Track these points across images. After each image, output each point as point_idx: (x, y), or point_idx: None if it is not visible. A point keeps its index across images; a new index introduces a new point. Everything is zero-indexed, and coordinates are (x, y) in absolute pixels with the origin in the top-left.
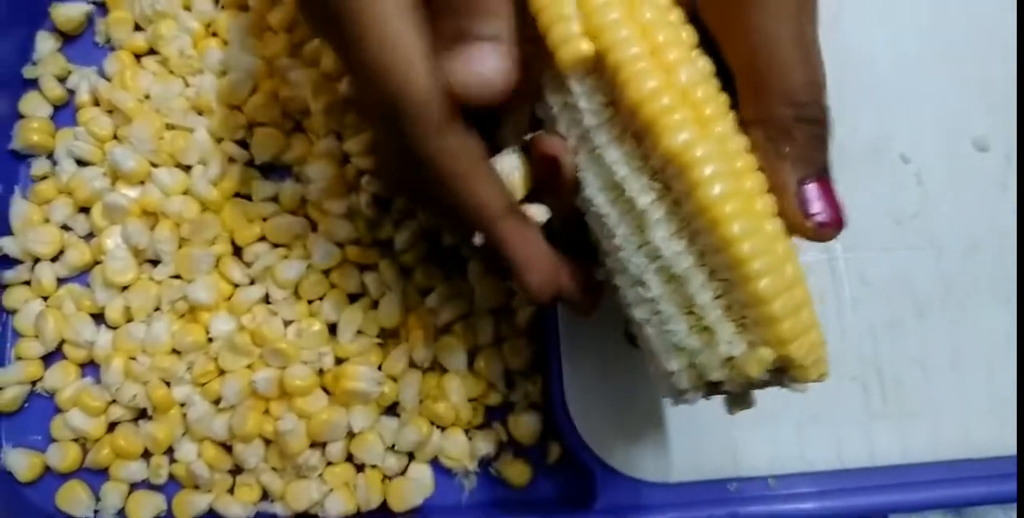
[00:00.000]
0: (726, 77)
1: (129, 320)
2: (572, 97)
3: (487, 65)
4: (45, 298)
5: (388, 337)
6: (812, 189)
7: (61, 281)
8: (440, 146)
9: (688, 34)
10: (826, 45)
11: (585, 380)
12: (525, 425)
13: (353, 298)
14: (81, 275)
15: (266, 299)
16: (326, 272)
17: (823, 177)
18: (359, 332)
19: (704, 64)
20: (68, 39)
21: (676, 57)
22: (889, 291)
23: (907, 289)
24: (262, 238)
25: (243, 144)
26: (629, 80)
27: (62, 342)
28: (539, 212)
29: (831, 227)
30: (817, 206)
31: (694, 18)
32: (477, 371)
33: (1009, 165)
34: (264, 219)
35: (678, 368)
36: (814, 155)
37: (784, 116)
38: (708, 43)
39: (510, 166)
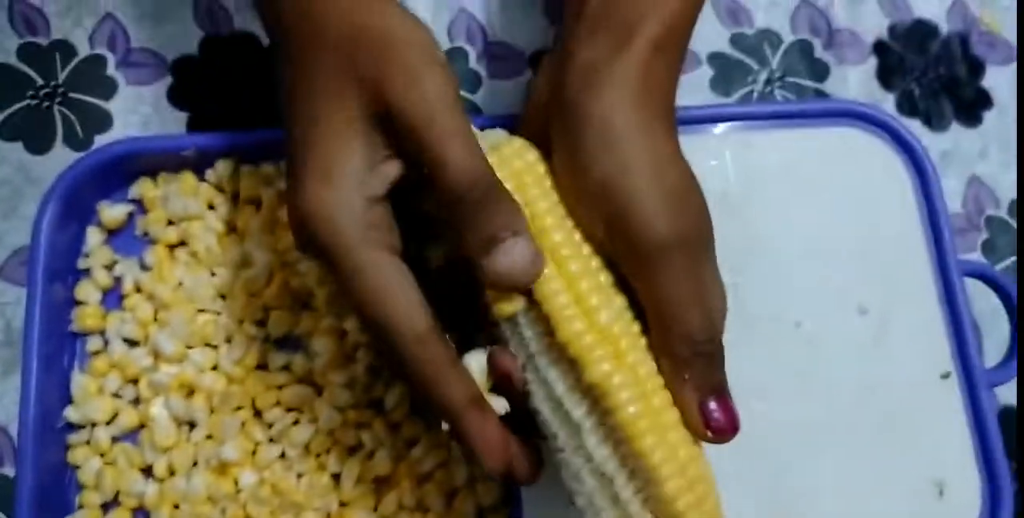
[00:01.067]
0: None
1: (172, 474)
2: (519, 327)
3: (525, 255)
4: (102, 455)
5: (382, 483)
6: (711, 406)
7: (115, 439)
8: (416, 355)
9: (606, 277)
10: (733, 230)
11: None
12: None
13: (352, 450)
14: (131, 434)
15: (283, 454)
16: (330, 431)
17: (720, 394)
18: (358, 480)
19: (620, 301)
20: (112, 233)
21: (596, 302)
22: (787, 438)
23: (803, 435)
24: (278, 403)
25: (261, 323)
26: (559, 323)
27: (117, 493)
28: (499, 405)
29: (728, 432)
30: (715, 417)
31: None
32: (454, 508)
33: (882, 324)
34: (279, 387)
35: None
36: (710, 378)
37: (683, 352)
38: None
39: (477, 364)
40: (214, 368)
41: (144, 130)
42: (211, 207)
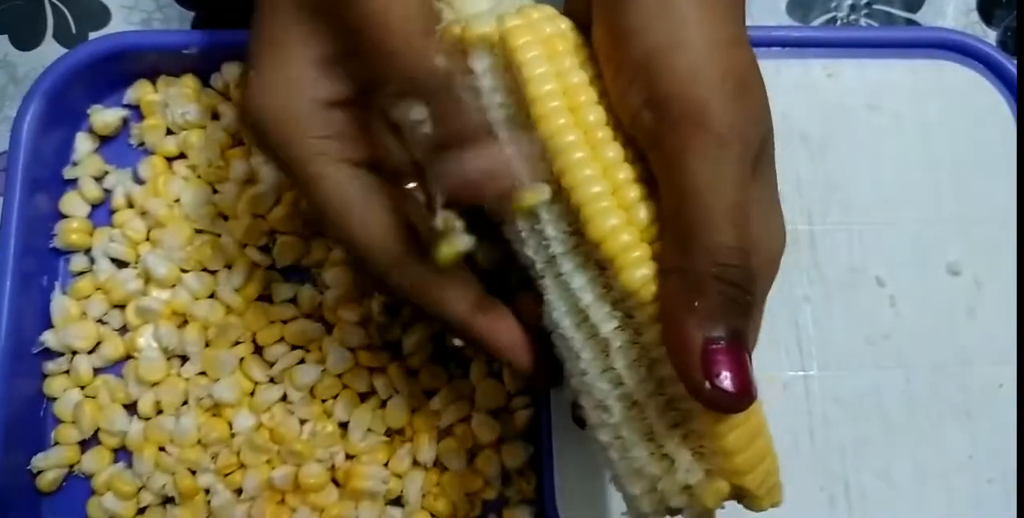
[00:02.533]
0: None
1: (159, 413)
2: (540, 223)
3: (484, 163)
4: (82, 387)
5: (395, 434)
6: (720, 351)
7: (97, 371)
8: (396, 281)
9: (645, 170)
10: (811, 174)
11: (575, 480)
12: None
13: (363, 396)
14: (115, 366)
15: (284, 397)
16: (339, 374)
17: (736, 343)
18: (368, 430)
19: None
20: (105, 140)
21: (636, 195)
22: (859, 409)
23: (876, 407)
24: (282, 339)
25: (266, 249)
26: (592, 218)
27: (97, 429)
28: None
29: (733, 398)
30: (722, 370)
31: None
32: (476, 469)
33: (978, 289)
34: (284, 322)
35: (639, 492)
36: (728, 318)
37: (703, 270)
38: None
39: None
40: (211, 296)
41: (146, 29)
42: (215, 116)
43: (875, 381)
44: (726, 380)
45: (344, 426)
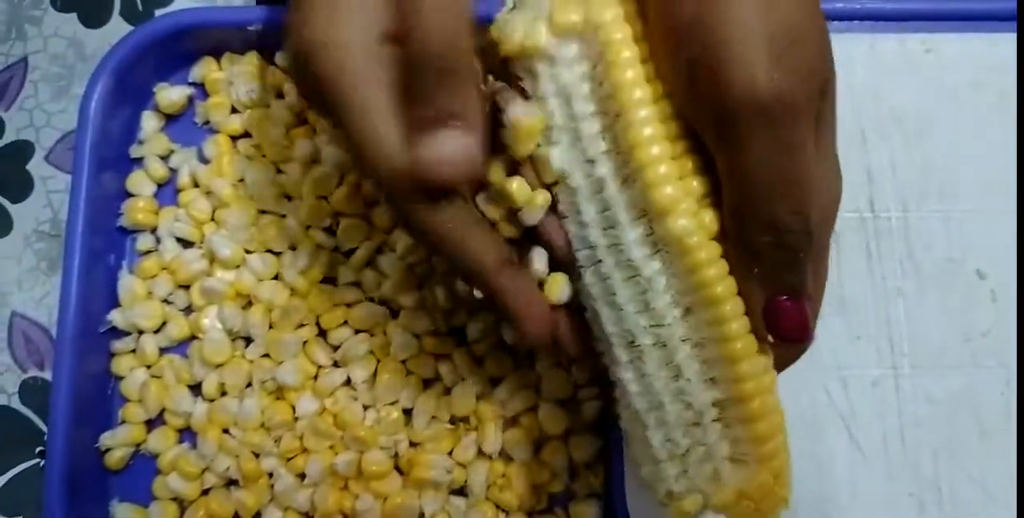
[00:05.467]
0: None
1: (223, 394)
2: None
3: (450, 147)
4: (148, 367)
5: (459, 422)
6: (777, 308)
7: (162, 350)
8: (424, 215)
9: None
10: (906, 158)
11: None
12: (586, 513)
13: (427, 383)
14: (180, 346)
15: (348, 381)
16: (403, 360)
17: (793, 297)
18: (433, 417)
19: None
20: (170, 119)
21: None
22: (953, 410)
23: (972, 408)
24: (346, 322)
25: (330, 230)
26: (653, 186)
27: (163, 409)
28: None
29: (796, 337)
30: (781, 319)
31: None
32: (542, 460)
33: None
34: (348, 305)
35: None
36: (786, 276)
37: (760, 242)
38: None
39: (540, 259)
40: (275, 278)
41: (211, 6)
42: (280, 95)
43: (972, 381)
44: (786, 325)
45: (408, 413)
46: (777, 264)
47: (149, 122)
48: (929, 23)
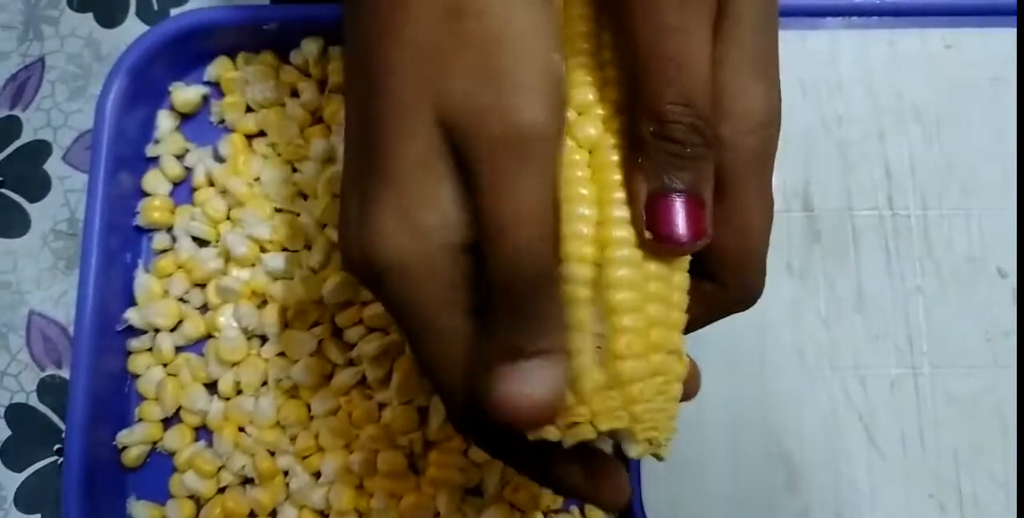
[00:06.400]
0: None
1: (239, 392)
2: None
3: (541, 386)
4: (164, 365)
5: None
6: (656, 203)
7: (179, 349)
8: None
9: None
10: (926, 154)
11: (661, 475)
12: (600, 512)
13: None
14: (197, 344)
15: (363, 380)
16: None
17: (685, 195)
18: (447, 418)
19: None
20: (185, 118)
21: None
22: (975, 410)
23: (994, 409)
24: (360, 321)
25: None
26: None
27: (179, 408)
28: None
29: (680, 239)
30: (658, 222)
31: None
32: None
33: None
34: (363, 304)
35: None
36: (668, 171)
37: (644, 132)
38: None
39: None
40: (290, 276)
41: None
42: (295, 93)
43: (994, 381)
44: (667, 227)
45: (423, 412)
46: (662, 158)
47: (165, 121)
48: (950, 18)
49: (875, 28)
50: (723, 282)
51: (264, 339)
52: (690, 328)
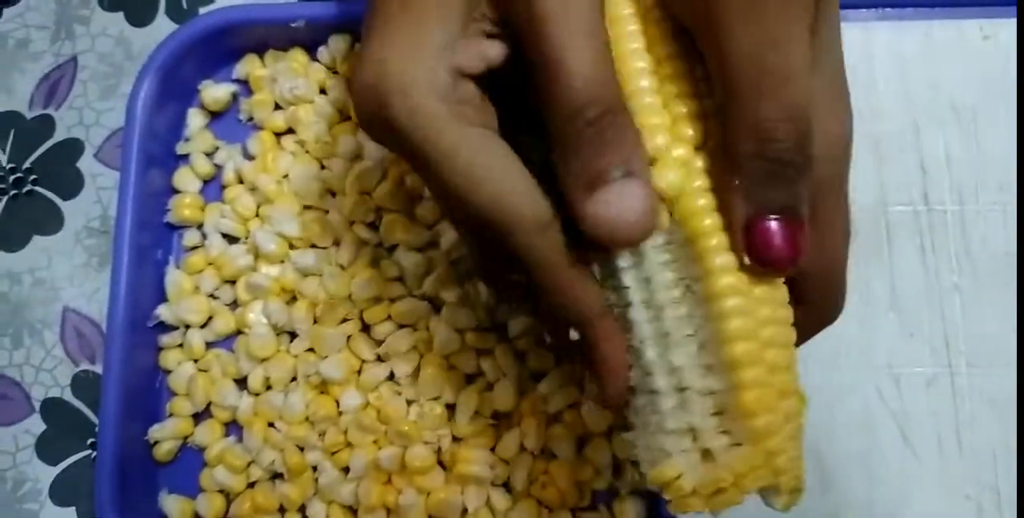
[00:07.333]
0: None
1: (268, 388)
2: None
3: (634, 206)
4: (195, 361)
5: (502, 418)
6: (756, 227)
7: (209, 345)
8: (541, 247)
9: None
10: (962, 148)
11: None
12: (630, 510)
13: (470, 378)
14: (227, 340)
15: (391, 376)
16: (447, 355)
17: (786, 215)
18: (475, 413)
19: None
20: (215, 116)
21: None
22: (1013, 410)
23: None
24: (389, 317)
25: (373, 226)
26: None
27: (210, 403)
28: None
29: (781, 261)
30: (757, 246)
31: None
32: (586, 458)
33: None
34: (391, 300)
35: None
36: (768, 192)
37: (744, 150)
38: None
39: None
40: (319, 274)
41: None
42: (323, 90)
43: None
44: (768, 249)
45: (451, 408)
46: (761, 177)
47: (195, 119)
48: (987, 8)
49: (909, 19)
50: (812, 303)
51: (293, 335)
52: None
